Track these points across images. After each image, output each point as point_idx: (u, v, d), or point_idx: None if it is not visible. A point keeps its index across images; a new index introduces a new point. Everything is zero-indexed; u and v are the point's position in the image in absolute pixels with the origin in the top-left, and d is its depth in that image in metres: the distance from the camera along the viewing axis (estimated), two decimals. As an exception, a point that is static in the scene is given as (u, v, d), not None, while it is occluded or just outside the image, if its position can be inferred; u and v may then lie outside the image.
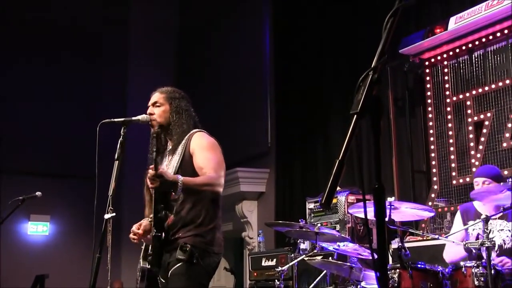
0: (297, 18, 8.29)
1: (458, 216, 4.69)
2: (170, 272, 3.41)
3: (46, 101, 10.22)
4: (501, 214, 4.22)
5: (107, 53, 11.01)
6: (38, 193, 6.04)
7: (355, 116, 1.57)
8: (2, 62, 10.08)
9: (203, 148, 3.51)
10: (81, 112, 10.13)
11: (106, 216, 3.54)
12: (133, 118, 3.61)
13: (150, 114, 3.66)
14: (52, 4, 10.54)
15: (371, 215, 1.66)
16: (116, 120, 3.52)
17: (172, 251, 3.43)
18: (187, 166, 3.50)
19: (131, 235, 3.64)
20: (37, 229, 10.32)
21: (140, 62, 11.14)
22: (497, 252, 4.24)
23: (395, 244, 4.98)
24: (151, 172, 3.18)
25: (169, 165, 3.57)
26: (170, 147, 3.68)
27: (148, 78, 10.02)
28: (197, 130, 3.65)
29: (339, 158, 1.54)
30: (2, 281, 9.22)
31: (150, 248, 3.59)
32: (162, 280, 3.57)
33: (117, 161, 3.44)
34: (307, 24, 8.04)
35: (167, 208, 3.48)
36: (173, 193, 3.34)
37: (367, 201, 1.91)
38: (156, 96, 3.72)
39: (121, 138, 3.46)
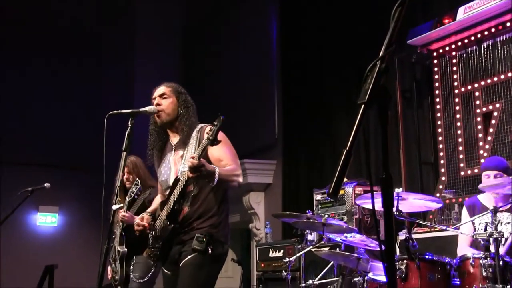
0: (303, 11, 8.27)
1: (464, 211, 4.69)
2: (183, 262, 3.43)
3: (54, 94, 10.27)
4: (509, 206, 4.21)
5: (113, 47, 11.03)
6: (47, 185, 6.07)
7: (363, 105, 1.56)
8: (17, 56, 10.13)
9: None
10: (89, 105, 10.17)
11: (114, 207, 3.55)
12: (141, 109, 3.61)
13: (157, 104, 3.66)
14: (57, 1, 10.56)
15: (378, 206, 1.66)
16: (123, 111, 3.51)
17: (186, 242, 3.46)
18: (203, 158, 3.50)
19: (136, 227, 3.65)
20: (46, 220, 10.39)
21: (147, 55, 11.16)
22: (504, 245, 4.23)
23: (402, 235, 4.98)
24: (193, 161, 3.17)
25: (185, 157, 3.56)
26: (177, 140, 3.68)
27: (156, 69, 10.05)
28: (205, 124, 3.66)
29: (347, 148, 1.53)
30: (12, 271, 9.29)
31: (152, 237, 3.61)
32: (167, 271, 3.59)
33: (124, 153, 3.45)
34: (313, 17, 8.02)
35: (183, 200, 3.50)
36: (210, 183, 3.35)
37: (374, 193, 1.91)
38: (162, 89, 3.73)
39: (128, 130, 3.46)
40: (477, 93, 5.69)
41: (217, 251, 3.45)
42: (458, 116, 5.82)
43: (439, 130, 5.95)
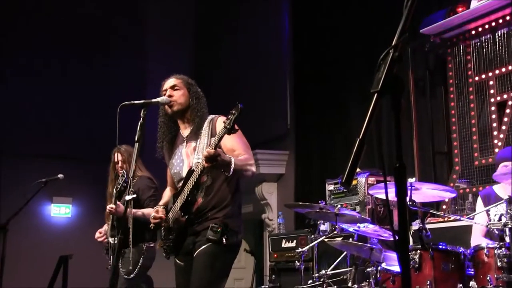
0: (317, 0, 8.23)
1: (479, 202, 4.66)
2: (197, 252, 3.44)
3: (67, 85, 10.30)
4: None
5: (126, 39, 11.05)
6: (60, 176, 6.12)
7: (376, 94, 1.55)
8: (25, 45, 10.18)
9: None
10: (102, 96, 10.19)
11: (127, 197, 3.57)
12: (153, 100, 3.61)
13: (169, 96, 3.67)
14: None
15: (391, 195, 1.64)
16: (135, 102, 3.51)
17: (200, 233, 3.48)
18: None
19: (153, 220, 3.65)
20: (60, 211, 10.45)
21: (159, 47, 11.16)
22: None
23: (416, 225, 4.96)
24: (209, 151, 3.18)
25: (198, 149, 3.57)
26: (188, 132, 3.68)
27: (168, 62, 10.05)
28: (216, 115, 3.67)
29: (360, 137, 1.52)
30: (27, 262, 9.37)
31: (165, 229, 3.62)
32: (180, 262, 3.61)
33: (137, 143, 3.45)
34: (326, 5, 7.97)
35: (197, 191, 3.51)
36: (226, 173, 3.37)
37: (387, 183, 1.89)
38: (173, 81, 3.74)
39: (141, 120, 3.46)
40: (491, 82, 5.64)
41: (232, 241, 3.46)
42: (472, 105, 5.78)
43: (453, 119, 5.91)
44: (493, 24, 5.58)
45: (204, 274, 3.41)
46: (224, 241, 3.40)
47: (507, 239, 3.73)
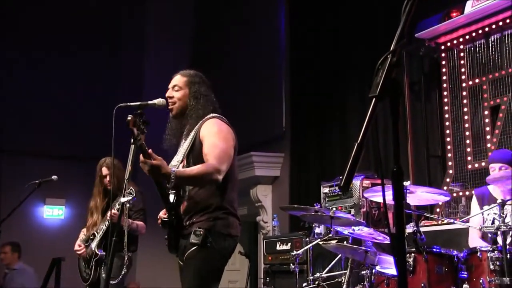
0: (313, 1, 8.23)
1: (474, 201, 4.69)
2: (185, 255, 3.44)
3: (62, 85, 10.27)
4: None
5: (124, 37, 11.05)
6: (54, 177, 6.08)
7: (374, 99, 1.56)
8: (20, 44, 10.16)
9: (211, 135, 3.47)
10: (98, 96, 10.18)
11: (122, 199, 3.55)
12: (149, 102, 3.57)
13: (169, 97, 3.65)
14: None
15: (388, 199, 1.66)
16: (132, 104, 3.50)
17: (188, 236, 3.45)
18: (198, 152, 3.48)
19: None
20: (53, 213, 10.41)
21: (157, 45, 11.16)
22: None
23: (410, 228, 4.98)
24: (141, 159, 3.20)
25: (180, 150, 3.57)
26: (186, 131, 3.67)
27: (165, 61, 10.04)
28: (211, 116, 3.60)
29: (358, 141, 1.54)
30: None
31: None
32: (181, 263, 3.62)
33: (133, 145, 3.44)
34: (324, 7, 7.98)
35: (180, 194, 3.50)
36: (167, 185, 3.31)
37: (384, 186, 1.90)
38: (176, 79, 3.70)
39: (137, 122, 3.45)
40: (484, 87, 5.68)
41: (219, 245, 3.41)
42: (465, 109, 5.82)
43: (447, 123, 5.94)
44: (487, 29, 5.63)
45: (192, 279, 3.39)
46: (209, 244, 3.35)
47: (500, 242, 3.76)
